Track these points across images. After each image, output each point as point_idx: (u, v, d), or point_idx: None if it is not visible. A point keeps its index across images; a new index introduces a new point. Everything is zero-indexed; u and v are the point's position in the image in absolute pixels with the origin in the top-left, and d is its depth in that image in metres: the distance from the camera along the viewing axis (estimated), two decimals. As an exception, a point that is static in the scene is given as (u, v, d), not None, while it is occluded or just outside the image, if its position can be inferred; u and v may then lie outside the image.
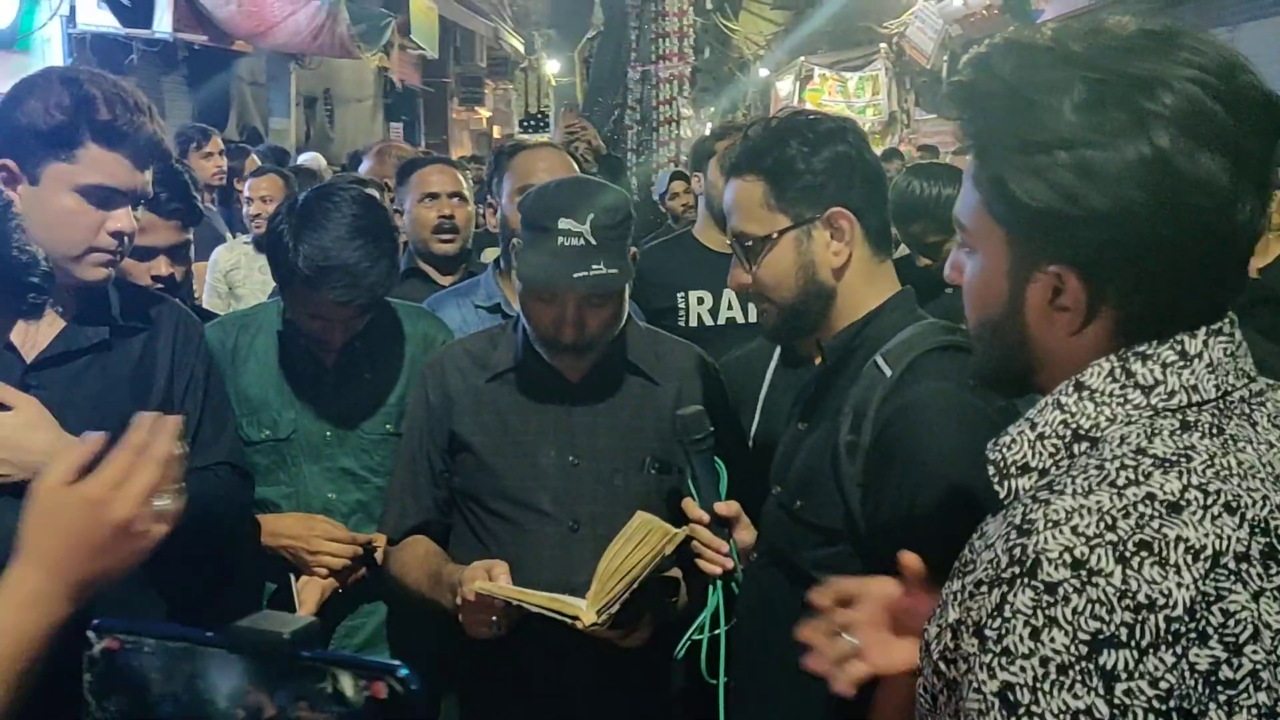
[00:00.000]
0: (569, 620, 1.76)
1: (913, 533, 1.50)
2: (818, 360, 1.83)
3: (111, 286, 2.01)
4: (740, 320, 3.70)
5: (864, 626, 1.31)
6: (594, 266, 1.93)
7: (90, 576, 1.21)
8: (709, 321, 3.73)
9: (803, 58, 18.55)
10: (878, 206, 1.75)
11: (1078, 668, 0.87)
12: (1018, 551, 0.92)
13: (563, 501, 2.03)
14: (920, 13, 15.63)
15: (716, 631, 1.82)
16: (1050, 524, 0.91)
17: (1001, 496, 1.03)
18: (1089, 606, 0.88)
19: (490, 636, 1.88)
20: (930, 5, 15.22)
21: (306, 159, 7.37)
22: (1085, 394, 1.01)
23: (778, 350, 2.35)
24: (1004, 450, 1.05)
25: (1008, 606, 0.90)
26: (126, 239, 1.91)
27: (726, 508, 1.86)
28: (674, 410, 2.01)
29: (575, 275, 1.92)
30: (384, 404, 2.40)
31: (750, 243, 1.75)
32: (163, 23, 9.21)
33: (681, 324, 3.60)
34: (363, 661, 1.01)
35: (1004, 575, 0.92)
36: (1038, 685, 0.88)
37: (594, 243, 1.94)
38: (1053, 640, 0.88)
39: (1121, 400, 0.99)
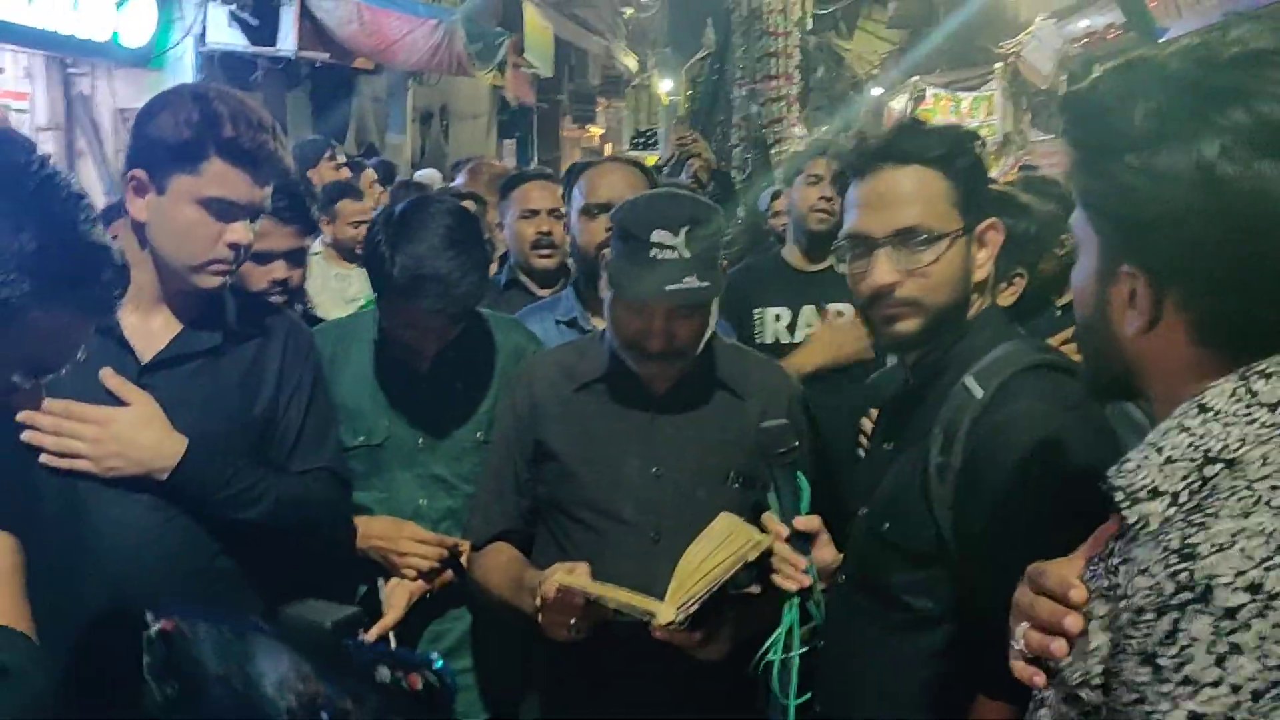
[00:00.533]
0: (647, 617, 1.76)
1: (1006, 556, 1.48)
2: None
3: (228, 293, 2.09)
4: None
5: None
6: (686, 279, 1.94)
7: None
8: (785, 339, 3.73)
9: (916, 77, 18.30)
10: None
11: (1273, 693, 0.86)
12: (1185, 577, 0.91)
13: (645, 512, 2.04)
14: (1039, 32, 15.29)
15: (790, 654, 1.80)
16: (1215, 549, 0.90)
17: (1131, 522, 1.01)
18: (1274, 631, 0.86)
19: (569, 639, 1.89)
20: (1049, 24, 14.88)
21: (424, 175, 7.51)
22: (1210, 415, 1.00)
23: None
24: (1129, 475, 1.03)
25: (1183, 634, 0.89)
26: (243, 250, 2.00)
27: (807, 523, 1.84)
28: (758, 424, 2.01)
29: (668, 288, 1.93)
30: (475, 413, 2.44)
31: (928, 237, 1.65)
32: (287, 41, 9.53)
33: (758, 340, 3.63)
34: (400, 654, 1.05)
35: (1173, 602, 0.90)
36: (1231, 714, 0.87)
37: (686, 255, 1.95)
38: (1240, 668, 0.87)
39: (1249, 419, 0.98)
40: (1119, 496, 1.04)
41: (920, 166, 1.67)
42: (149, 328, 2.00)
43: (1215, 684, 0.87)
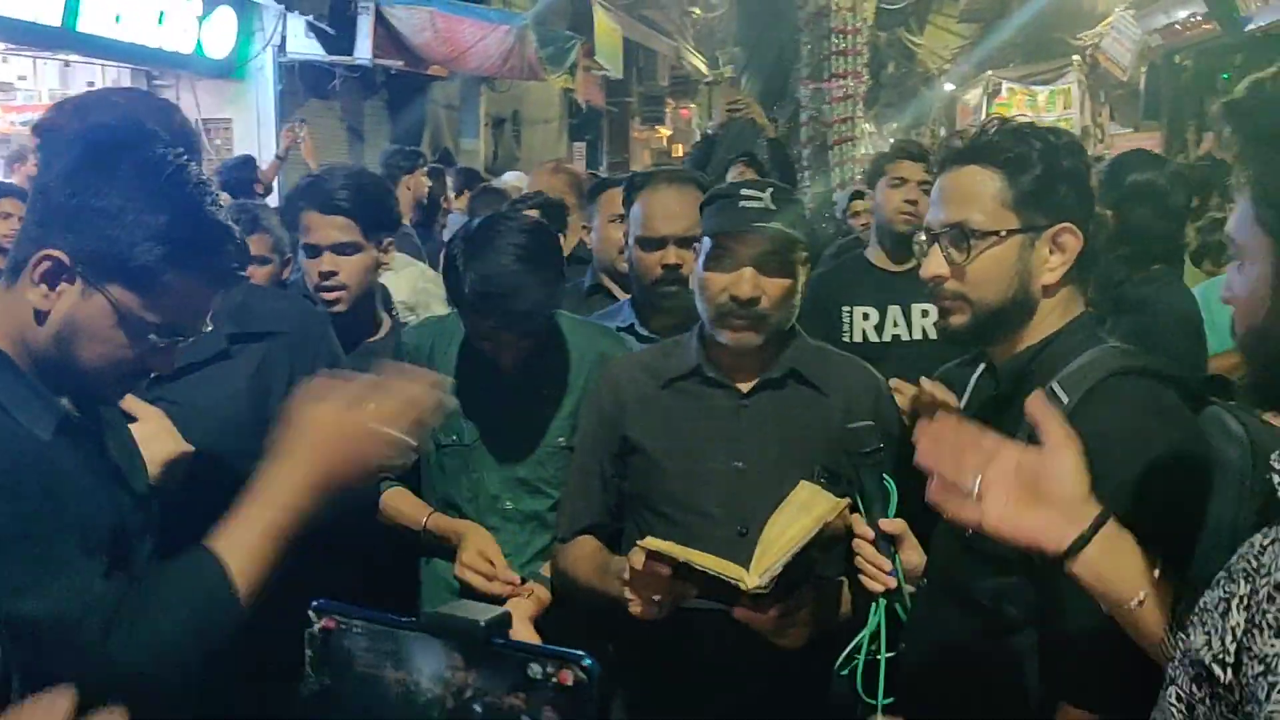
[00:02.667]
0: (733, 582, 1.79)
1: None
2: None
3: (240, 301, 2.12)
4: (905, 337, 3.71)
5: (989, 482, 1.32)
6: (774, 222, 2.05)
7: (336, 476, 1.51)
8: (874, 338, 3.73)
9: (990, 71, 18.08)
10: (1090, 228, 1.71)
11: None
12: None
13: (730, 506, 2.07)
14: (1117, 23, 15.03)
15: (877, 655, 1.81)
16: None
17: None
18: None
19: (653, 615, 1.91)
20: (1128, 15, 14.61)
21: (509, 179, 7.54)
22: None
23: (976, 373, 2.32)
24: None
25: None
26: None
27: (893, 525, 1.84)
28: (842, 423, 2.04)
29: (756, 224, 2.04)
30: (558, 417, 2.48)
31: (972, 233, 1.68)
32: (363, 50, 9.72)
33: (845, 340, 3.62)
34: (551, 650, 1.10)
35: None
36: None
37: (774, 208, 2.06)
38: None
39: None
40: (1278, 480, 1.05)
41: (980, 167, 1.70)
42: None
43: None
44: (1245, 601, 0.99)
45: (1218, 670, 1.00)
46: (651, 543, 1.86)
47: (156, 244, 1.40)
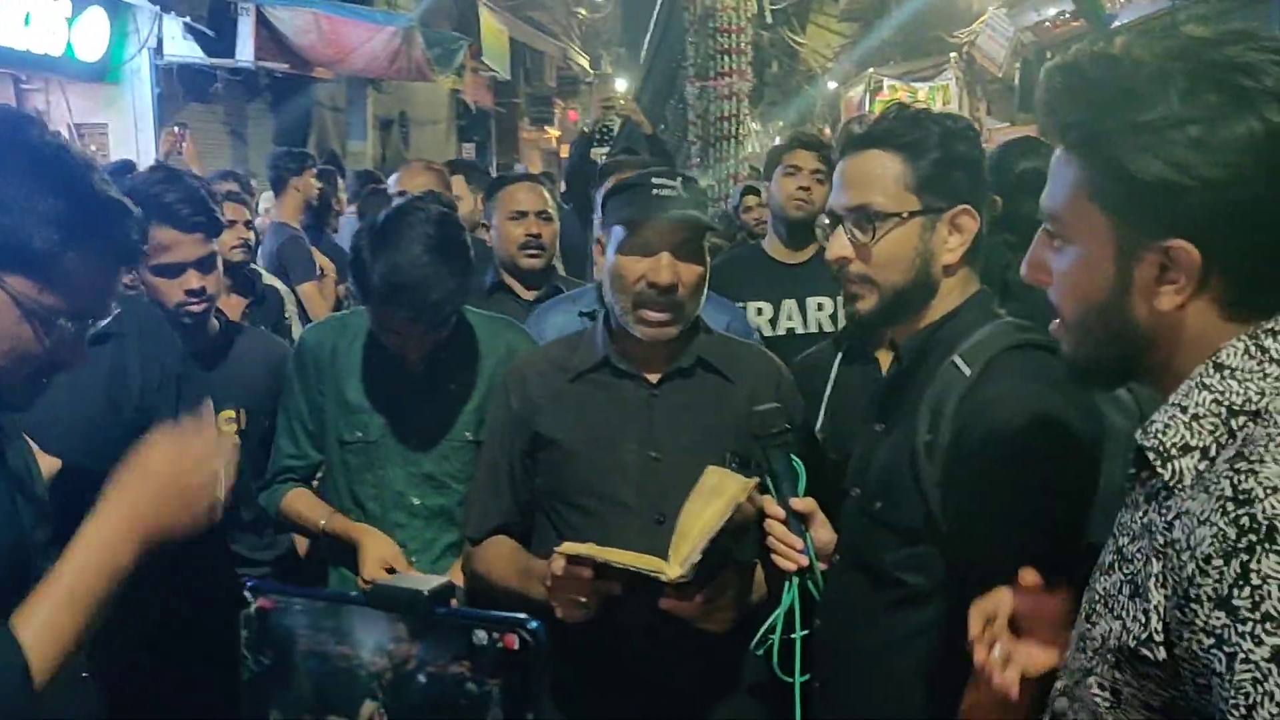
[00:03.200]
0: (654, 575, 1.80)
1: (993, 531, 1.53)
2: (883, 358, 1.84)
3: None
4: (799, 330, 3.73)
5: (1001, 636, 1.36)
6: (689, 210, 2.09)
7: (160, 525, 1.43)
8: (768, 331, 3.76)
9: (872, 69, 18.47)
10: (985, 211, 1.77)
11: None
12: (1247, 521, 0.95)
13: (647, 495, 2.08)
14: (991, 21, 15.48)
15: (792, 634, 1.84)
16: (1270, 490, 0.95)
17: (1167, 479, 1.07)
18: None
19: (580, 618, 1.91)
20: (1001, 14, 15.07)
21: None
22: (1227, 373, 1.07)
23: (839, 357, 2.37)
24: (1159, 435, 1.09)
25: (1254, 574, 0.94)
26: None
27: (803, 504, 1.88)
28: (749, 409, 2.05)
29: (674, 211, 2.07)
30: (465, 412, 2.48)
31: (876, 215, 1.72)
32: (245, 52, 9.50)
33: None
34: (495, 616, 1.11)
35: (1240, 545, 0.95)
36: None
37: (685, 195, 2.10)
38: None
39: (1262, 375, 1.05)
40: (1152, 456, 1.08)
41: (881, 151, 1.75)
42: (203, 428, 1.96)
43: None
44: (1163, 579, 1.02)
45: (1148, 652, 1.03)
46: (570, 547, 1.86)
47: (51, 228, 1.35)
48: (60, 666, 1.35)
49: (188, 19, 8.89)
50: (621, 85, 25.54)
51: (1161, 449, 1.08)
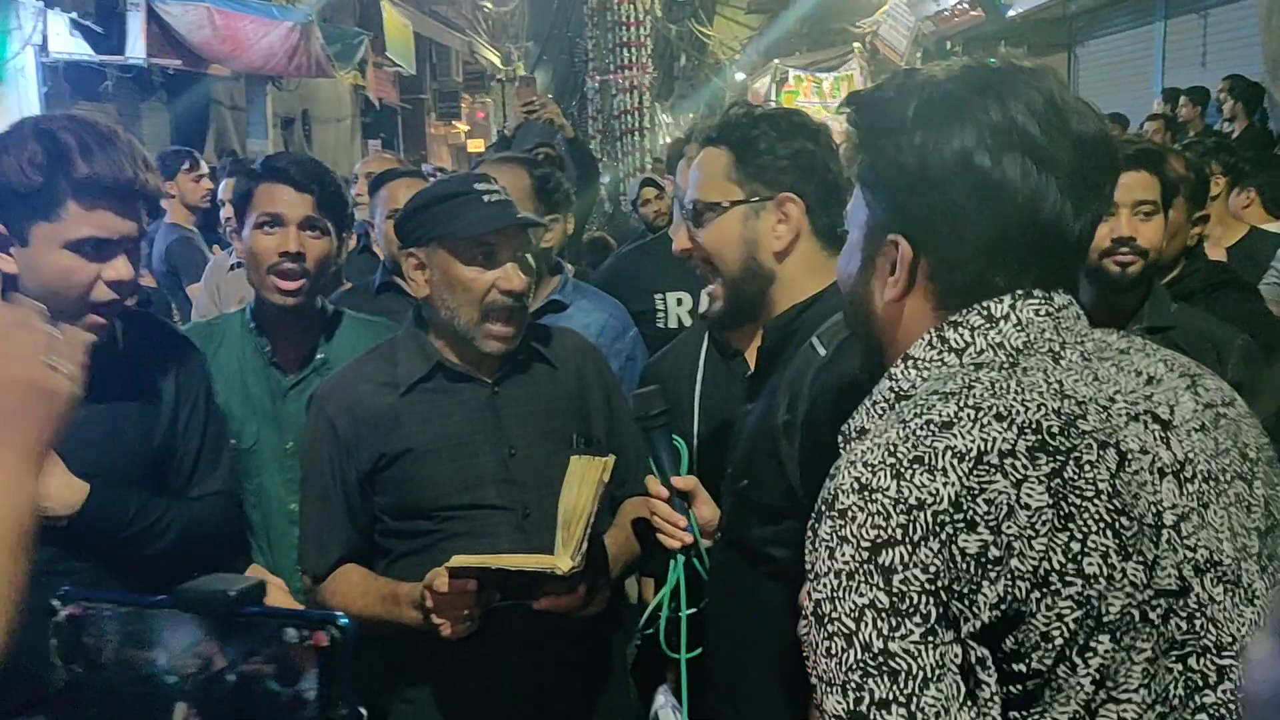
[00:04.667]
0: (548, 571, 1.80)
1: None
2: (751, 349, 1.88)
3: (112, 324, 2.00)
4: None
5: None
6: (523, 213, 2.10)
7: (23, 443, 1.26)
8: (689, 322, 3.76)
9: (777, 60, 18.66)
10: (831, 207, 1.81)
11: (862, 571, 1.01)
12: (825, 494, 1.07)
13: (509, 492, 2.07)
14: (892, 11, 15.74)
15: (678, 612, 1.86)
16: (849, 464, 1.06)
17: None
18: (869, 519, 1.02)
19: (464, 633, 1.90)
20: (902, 4, 15.33)
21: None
22: (910, 363, 1.16)
23: (705, 344, 2.39)
24: (851, 421, 1.19)
25: (816, 539, 1.05)
26: (126, 286, 1.88)
27: (685, 482, 1.91)
28: (577, 390, 2.16)
29: (517, 215, 2.08)
30: None
31: (701, 207, 1.83)
32: (136, 48, 9.27)
33: (660, 325, 3.60)
34: (304, 613, 1.10)
35: (816, 515, 1.07)
36: (834, 594, 1.03)
37: (509, 199, 2.10)
38: (843, 555, 1.02)
39: (940, 364, 1.14)
40: (840, 439, 1.19)
41: (714, 148, 1.85)
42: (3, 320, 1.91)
43: (827, 573, 1.03)
44: None
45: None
46: (458, 560, 1.84)
47: None
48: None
49: (74, 15, 8.64)
50: (530, 82, 25.47)
51: (846, 433, 1.18)
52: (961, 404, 1.05)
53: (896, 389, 1.15)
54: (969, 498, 1.00)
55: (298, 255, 2.35)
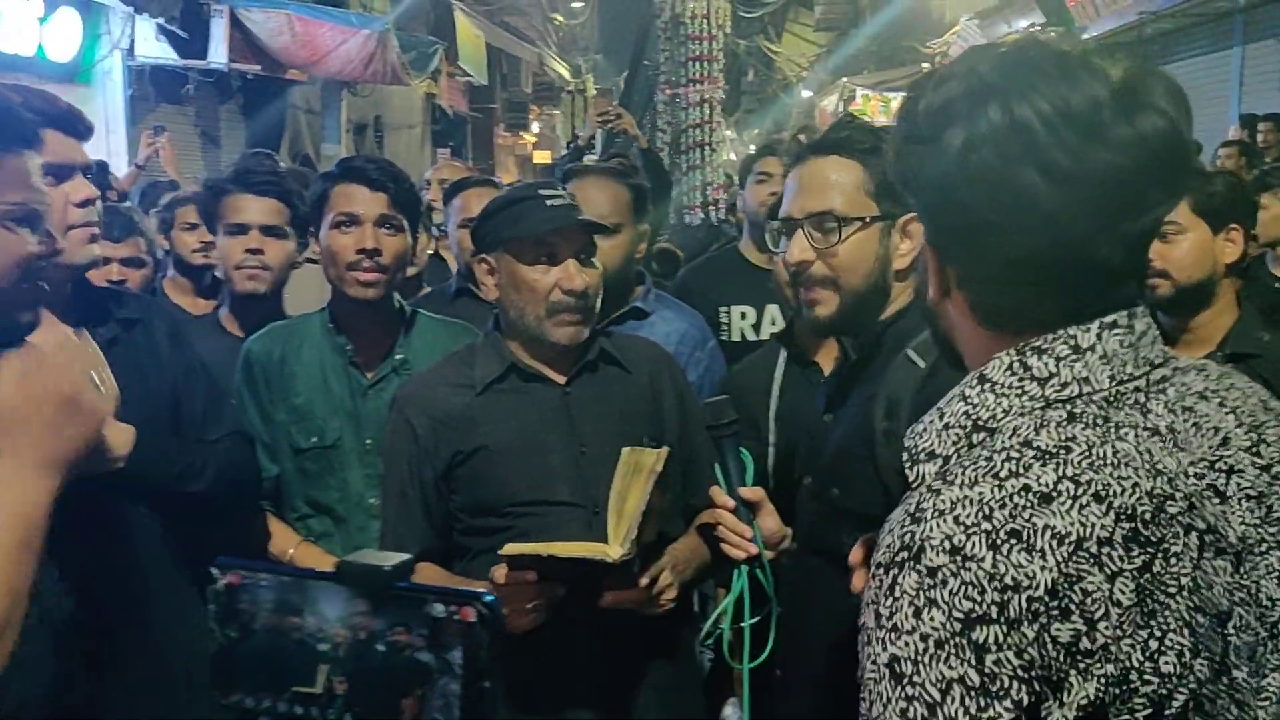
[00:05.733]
0: (600, 559, 1.83)
1: None
2: (824, 360, 1.89)
3: (105, 293, 2.19)
4: None
5: None
6: (585, 216, 2.15)
7: (56, 452, 1.37)
8: (752, 336, 3.77)
9: (845, 79, 18.60)
10: None
11: (953, 643, 0.97)
12: (908, 538, 1.01)
13: (580, 489, 2.11)
14: (963, 31, 15.63)
15: (742, 623, 1.88)
16: (936, 513, 1.00)
17: (910, 481, 1.11)
18: (963, 589, 0.97)
19: (530, 625, 1.93)
20: (973, 25, 15.22)
21: None
22: (987, 386, 1.09)
23: (783, 355, 2.41)
24: (916, 438, 1.13)
25: (897, 587, 1.00)
26: (94, 204, 2.02)
27: (751, 493, 1.92)
28: (649, 395, 2.19)
29: (577, 217, 2.12)
30: None
31: (842, 219, 1.78)
32: (218, 54, 9.48)
33: (724, 339, 3.63)
34: (452, 590, 1.15)
35: (896, 559, 1.01)
36: (919, 658, 0.98)
37: (572, 201, 2.16)
38: (932, 619, 0.98)
39: (1019, 392, 1.07)
40: (905, 457, 1.13)
41: (840, 157, 1.82)
42: (52, 339, 2.02)
43: (911, 632, 0.98)
44: (868, 583, 1.08)
45: (862, 638, 1.10)
46: (511, 548, 1.88)
47: None
48: (7, 622, 1.30)
49: (161, 20, 8.86)
50: (593, 92, 25.61)
51: (913, 451, 1.12)
52: (1060, 473, 1.00)
53: (974, 416, 1.09)
54: (1065, 586, 0.96)
55: (374, 252, 2.43)
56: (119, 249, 3.34)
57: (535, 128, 24.18)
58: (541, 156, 23.09)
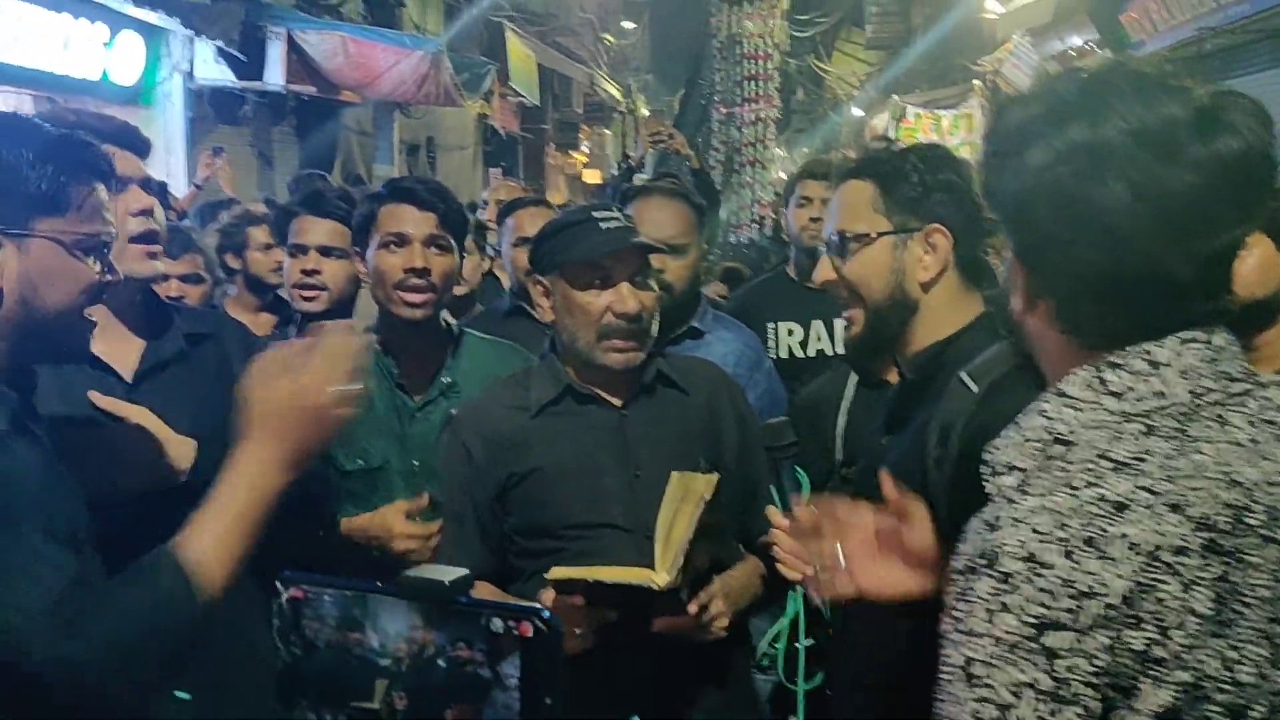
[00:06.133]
0: (646, 585, 1.83)
1: None
2: (893, 379, 1.89)
3: (172, 308, 2.24)
4: (829, 352, 3.75)
5: (853, 551, 1.49)
6: (640, 238, 2.14)
7: (303, 446, 1.58)
8: (799, 353, 3.79)
9: (896, 96, 18.51)
10: (974, 240, 1.84)
11: (1025, 646, 0.99)
12: (984, 545, 1.04)
13: (633, 513, 2.10)
14: (1016, 50, 15.50)
15: (798, 643, 1.87)
16: (1012, 521, 1.03)
17: (989, 492, 1.13)
18: (1036, 594, 0.99)
19: (581, 648, 1.93)
20: (1025, 42, 15.09)
21: None
22: (1065, 400, 1.11)
23: (852, 378, 2.40)
24: (995, 452, 1.15)
25: (972, 592, 1.03)
26: (150, 215, 2.06)
27: (807, 514, 1.92)
28: (708, 418, 2.18)
29: (632, 240, 2.12)
30: None
31: (848, 239, 1.85)
32: (274, 75, 9.63)
33: (771, 356, 3.63)
34: (511, 605, 1.16)
35: (972, 566, 1.04)
36: (991, 661, 1.00)
37: (628, 224, 2.15)
38: (1005, 622, 1.00)
39: (1096, 406, 1.09)
40: (984, 469, 1.15)
41: (858, 180, 1.88)
42: (119, 350, 2.08)
43: (983, 635, 1.00)
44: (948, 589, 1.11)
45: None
46: (557, 571, 1.89)
47: (46, 166, 1.48)
48: (228, 581, 1.45)
49: (220, 43, 9.02)
50: (649, 112, 25.68)
51: (993, 464, 1.14)
52: (1136, 483, 1.01)
53: (1053, 430, 1.10)
54: (1140, 594, 0.98)
55: (423, 271, 2.44)
56: (177, 265, 3.43)
57: (585, 147, 24.30)
58: (592, 176, 23.19)
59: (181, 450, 2.00)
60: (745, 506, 2.18)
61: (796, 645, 1.88)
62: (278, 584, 1.27)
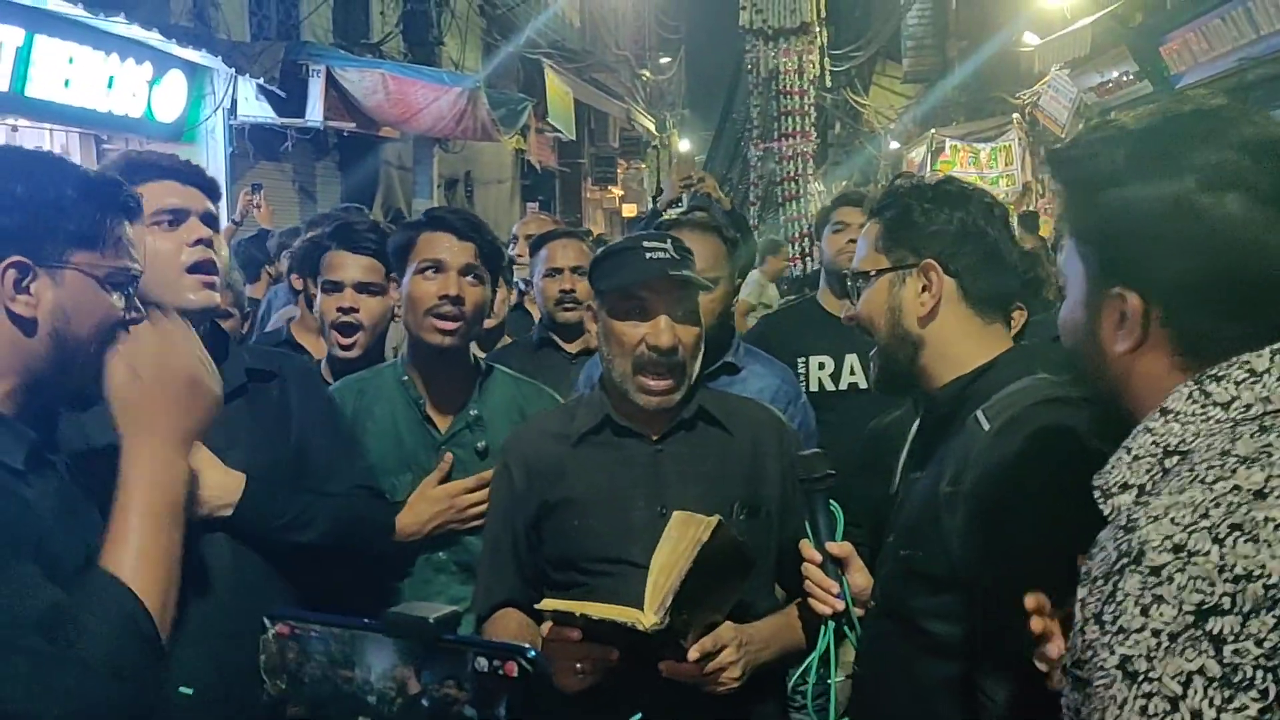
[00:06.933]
0: (632, 625, 1.79)
1: (1007, 583, 1.53)
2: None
3: (238, 346, 2.25)
4: (862, 385, 3.67)
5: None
6: (684, 270, 2.09)
7: (181, 426, 1.55)
8: (830, 386, 3.74)
9: (934, 130, 18.49)
10: (986, 273, 1.81)
11: (1187, 635, 0.97)
12: (1125, 545, 1.03)
13: (652, 551, 2.00)
14: (1054, 81, 15.45)
15: (828, 679, 1.85)
16: (1150, 519, 1.02)
17: (1107, 515, 1.13)
18: (1191, 582, 0.97)
19: (578, 686, 1.90)
20: (1064, 75, 15.04)
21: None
22: (1170, 416, 1.13)
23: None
24: (1106, 476, 1.16)
25: (1119, 592, 1.01)
26: (208, 243, 2.07)
27: (840, 548, 1.90)
28: (750, 459, 2.13)
29: (670, 271, 2.07)
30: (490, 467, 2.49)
31: (857, 277, 1.90)
32: (315, 112, 9.78)
33: (803, 389, 3.63)
34: (496, 644, 1.15)
35: (1116, 567, 1.02)
36: (1153, 654, 0.98)
37: (678, 257, 2.11)
38: (1161, 614, 0.98)
39: (1204, 417, 1.11)
40: (1098, 494, 1.15)
41: (872, 220, 1.91)
42: (168, 325, 2.08)
43: (1140, 630, 0.98)
44: (1080, 604, 1.07)
45: (1077, 672, 1.07)
46: (548, 603, 1.87)
47: (84, 203, 1.52)
48: (164, 592, 1.42)
49: (261, 81, 9.18)
50: (685, 146, 25.79)
51: (1105, 488, 1.15)
52: (1268, 473, 1.02)
53: (1162, 444, 1.12)
54: None
55: (457, 299, 2.44)
56: None
57: (621, 181, 24.45)
58: (629, 210, 23.30)
59: (227, 483, 2.01)
60: (789, 553, 2.10)
61: (828, 682, 1.84)
62: (265, 621, 1.27)
